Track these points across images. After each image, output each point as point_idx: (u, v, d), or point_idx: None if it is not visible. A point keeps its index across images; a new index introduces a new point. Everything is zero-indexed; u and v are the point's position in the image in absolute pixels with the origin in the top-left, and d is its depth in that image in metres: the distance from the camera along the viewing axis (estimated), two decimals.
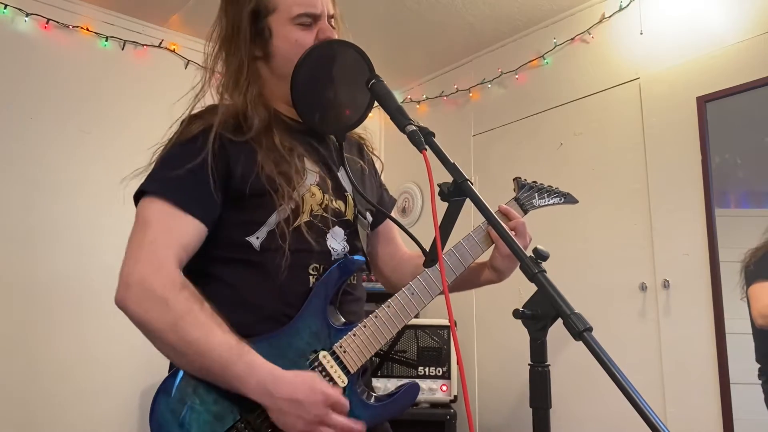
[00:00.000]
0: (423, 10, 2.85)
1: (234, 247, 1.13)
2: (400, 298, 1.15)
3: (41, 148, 2.65)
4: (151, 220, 1.08)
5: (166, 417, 1.04)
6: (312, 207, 1.16)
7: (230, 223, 1.13)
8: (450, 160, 0.91)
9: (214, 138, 1.11)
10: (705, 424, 2.16)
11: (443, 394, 2.49)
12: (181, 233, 1.08)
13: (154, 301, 1.02)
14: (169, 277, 1.04)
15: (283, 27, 1.18)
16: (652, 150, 2.48)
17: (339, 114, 1.20)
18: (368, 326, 1.13)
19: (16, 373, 2.48)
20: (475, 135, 3.26)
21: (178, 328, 1.01)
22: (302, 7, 1.17)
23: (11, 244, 2.54)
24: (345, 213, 1.22)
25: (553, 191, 1.45)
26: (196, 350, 1.01)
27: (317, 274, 1.15)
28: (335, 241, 1.19)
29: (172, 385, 1.06)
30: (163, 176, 1.10)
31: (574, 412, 2.52)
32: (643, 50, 2.56)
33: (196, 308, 1.03)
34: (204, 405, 1.05)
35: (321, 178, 1.19)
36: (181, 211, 1.08)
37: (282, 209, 1.11)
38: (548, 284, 0.79)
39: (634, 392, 0.69)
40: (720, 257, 2.20)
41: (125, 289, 1.04)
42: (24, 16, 2.66)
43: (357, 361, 1.11)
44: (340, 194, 1.22)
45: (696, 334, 2.24)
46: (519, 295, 2.58)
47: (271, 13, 1.18)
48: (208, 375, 1.03)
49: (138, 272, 1.04)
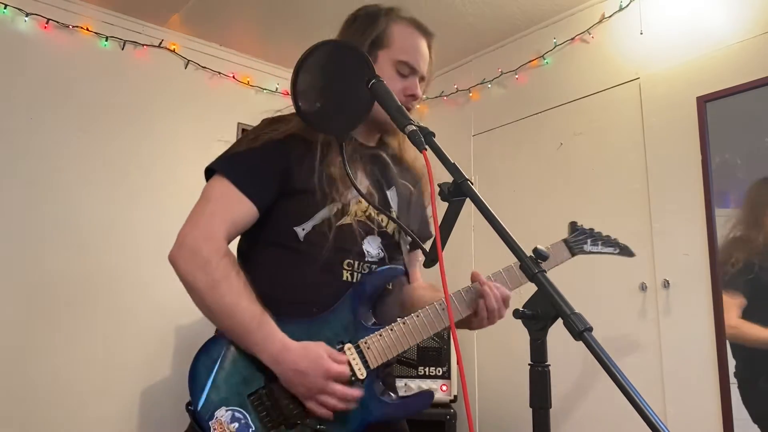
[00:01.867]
0: (423, 10, 2.85)
1: (280, 234, 1.26)
2: (430, 310, 1.25)
3: (41, 148, 2.66)
4: (212, 196, 1.24)
5: (201, 373, 1.16)
6: (357, 212, 1.28)
7: (282, 212, 1.26)
8: (450, 160, 0.91)
9: (286, 129, 1.26)
10: (705, 424, 2.16)
11: (443, 394, 2.49)
12: (235, 212, 1.22)
13: (199, 263, 1.16)
14: (215, 245, 1.18)
15: (386, 63, 1.33)
16: (652, 150, 2.48)
17: (339, 114, 1.20)
18: (395, 330, 1.23)
19: (16, 373, 2.48)
20: (475, 135, 3.26)
21: (214, 291, 1.15)
22: (409, 56, 1.34)
23: (11, 244, 2.54)
24: (386, 226, 1.33)
25: (610, 241, 1.54)
26: (227, 312, 1.15)
27: (351, 270, 1.26)
28: (371, 246, 1.30)
29: (212, 346, 1.19)
30: (232, 159, 1.26)
31: (574, 412, 2.52)
32: (643, 50, 2.56)
33: (233, 275, 1.16)
34: (236, 367, 1.17)
35: (369, 191, 1.31)
36: (239, 192, 1.22)
37: (330, 207, 1.25)
38: (548, 284, 0.79)
39: (634, 392, 0.69)
40: (720, 257, 2.20)
41: (179, 247, 1.19)
42: (24, 16, 2.66)
43: (378, 358, 1.20)
44: (385, 208, 1.34)
45: (696, 334, 2.23)
46: (519, 295, 2.58)
47: (384, 47, 1.34)
48: (233, 336, 1.17)
49: (192, 236, 1.19)
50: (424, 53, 1.38)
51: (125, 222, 2.76)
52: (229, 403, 1.15)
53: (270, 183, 1.24)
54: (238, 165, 1.25)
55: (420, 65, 1.36)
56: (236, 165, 1.25)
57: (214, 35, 3.13)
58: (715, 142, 2.27)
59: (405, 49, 1.35)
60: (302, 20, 2.88)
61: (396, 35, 1.35)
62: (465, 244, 3.05)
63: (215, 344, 1.19)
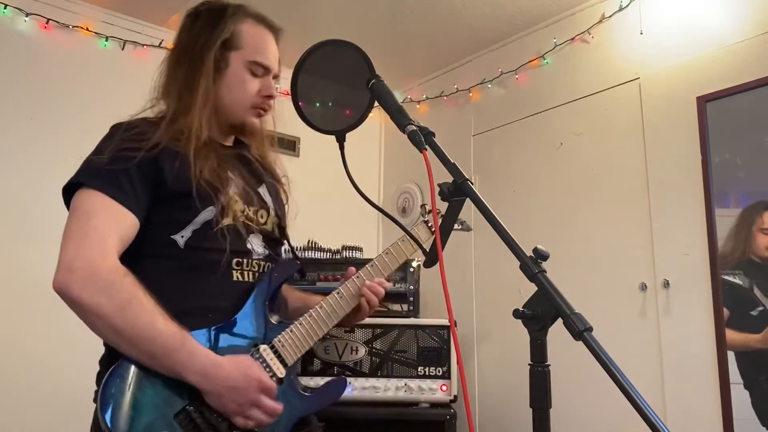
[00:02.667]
0: (423, 10, 2.85)
1: (159, 245, 1.20)
2: (331, 301, 1.29)
3: (41, 148, 2.65)
4: (90, 211, 1.15)
5: (117, 400, 1.07)
6: (236, 212, 1.25)
7: (156, 221, 1.20)
8: (450, 160, 0.91)
9: (155, 139, 1.20)
10: (705, 424, 2.16)
11: (443, 394, 2.48)
12: (119, 224, 1.15)
13: (100, 286, 1.07)
14: (113, 264, 1.10)
15: (239, 65, 1.30)
16: (652, 150, 2.48)
17: (339, 114, 1.20)
18: (303, 324, 1.24)
19: (14, 373, 2.47)
20: (475, 135, 3.26)
21: (125, 313, 1.06)
22: (262, 57, 1.31)
23: (11, 244, 2.54)
24: (265, 223, 1.32)
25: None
26: (143, 335, 1.07)
27: (240, 269, 1.24)
28: (255, 244, 1.29)
29: (123, 369, 1.10)
30: (101, 171, 1.17)
31: (574, 412, 2.52)
32: (643, 50, 2.56)
33: (140, 294, 1.09)
34: (154, 388, 1.10)
35: (243, 189, 1.29)
36: (117, 203, 1.14)
37: (208, 210, 1.20)
38: (548, 284, 0.79)
39: (634, 392, 0.69)
40: (720, 257, 2.20)
41: (68, 273, 1.08)
42: (24, 16, 2.66)
43: (294, 354, 1.21)
44: (262, 206, 1.33)
45: (696, 334, 2.23)
46: (519, 295, 2.58)
47: (235, 49, 1.30)
48: (150, 360, 1.08)
49: (83, 257, 1.09)
50: (274, 51, 1.35)
51: None
52: (155, 428, 1.07)
53: (143, 191, 1.17)
54: (107, 176, 1.15)
55: (273, 64, 1.34)
56: (105, 176, 1.16)
57: None
58: (715, 142, 2.27)
59: (257, 49, 1.32)
60: (302, 20, 2.88)
61: (246, 35, 1.31)
62: (465, 244, 3.05)
63: (126, 367, 1.10)
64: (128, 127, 1.24)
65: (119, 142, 1.20)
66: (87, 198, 1.16)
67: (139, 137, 1.20)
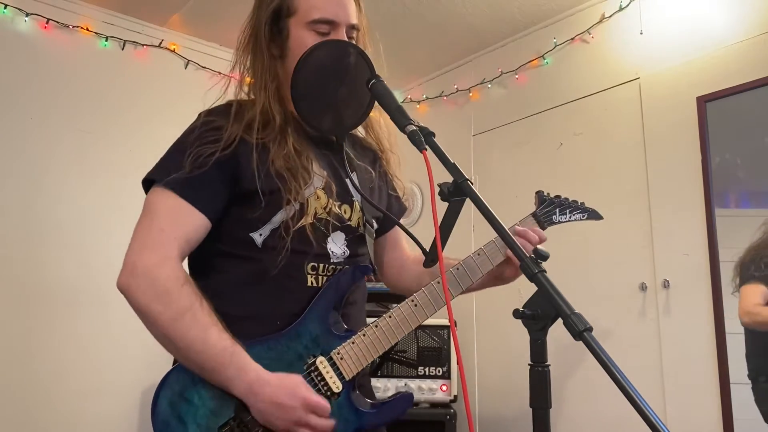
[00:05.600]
0: (423, 10, 2.85)
1: (236, 243, 1.15)
2: (402, 310, 1.17)
3: (41, 148, 2.65)
4: (159, 210, 1.11)
5: (166, 409, 1.06)
6: (317, 210, 1.18)
7: (235, 218, 1.15)
8: (450, 160, 0.91)
9: (229, 135, 1.14)
10: (705, 424, 2.16)
11: (443, 394, 2.49)
12: (186, 226, 1.11)
13: (158, 294, 1.05)
14: (173, 271, 1.07)
15: (300, 30, 1.20)
16: (652, 150, 2.48)
17: (339, 114, 1.20)
18: (368, 335, 1.15)
19: (18, 373, 2.47)
20: (475, 135, 3.26)
21: (178, 324, 1.04)
22: (320, 12, 1.19)
23: (11, 244, 2.54)
24: (349, 219, 1.23)
25: (577, 206, 1.44)
26: (193, 348, 1.04)
27: (315, 274, 1.17)
28: (335, 245, 1.21)
29: (174, 378, 1.09)
30: (174, 168, 1.12)
31: (574, 412, 2.52)
32: (643, 50, 2.56)
33: (196, 305, 1.06)
34: (202, 400, 1.07)
35: (327, 182, 1.21)
36: (188, 204, 1.11)
37: (288, 208, 1.14)
38: (548, 284, 0.79)
39: (634, 392, 0.69)
40: (720, 257, 2.20)
41: (130, 275, 1.07)
42: (24, 16, 2.66)
43: (353, 368, 1.13)
44: (346, 199, 1.24)
45: (696, 334, 2.23)
46: (519, 295, 2.58)
47: (291, 15, 1.21)
48: (201, 372, 1.07)
49: (144, 261, 1.07)
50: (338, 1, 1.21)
51: (125, 221, 2.75)
52: None
53: (218, 187, 1.13)
54: (181, 174, 1.11)
55: (339, 14, 1.20)
56: (177, 172, 1.12)
57: (214, 35, 3.13)
58: (715, 142, 2.27)
59: (313, 5, 1.19)
60: None
61: None
62: (465, 244, 3.05)
63: (176, 376, 1.09)
64: (207, 120, 1.18)
65: (198, 137, 1.14)
66: (158, 197, 1.12)
67: (217, 132, 1.14)
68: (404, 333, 1.17)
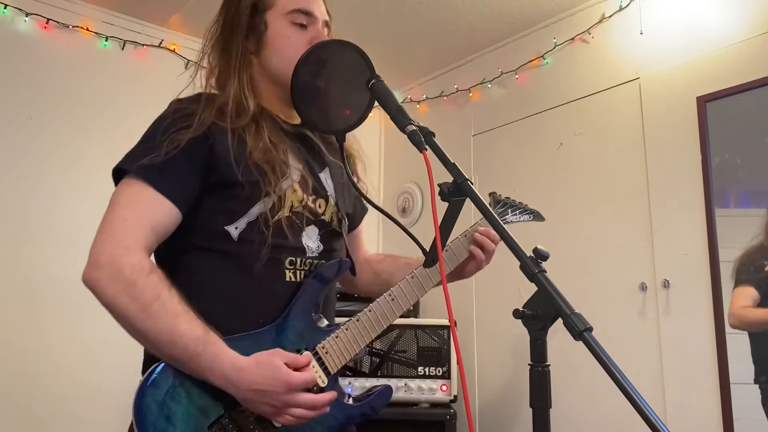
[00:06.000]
0: (423, 10, 2.85)
1: (211, 236, 1.13)
2: (381, 303, 1.19)
3: (41, 148, 2.65)
4: (121, 200, 1.08)
5: (152, 409, 1.03)
6: (293, 203, 1.17)
7: (209, 210, 1.13)
8: (450, 160, 0.90)
9: (201, 119, 1.11)
10: (705, 424, 2.16)
11: (443, 394, 2.49)
12: (151, 214, 1.07)
13: (124, 286, 1.00)
14: (137, 260, 1.03)
15: (278, 21, 1.21)
16: (652, 150, 2.48)
17: (339, 114, 1.20)
18: (350, 329, 1.16)
19: (15, 373, 2.47)
20: (475, 135, 3.26)
21: (146, 315, 1.00)
22: (299, 2, 1.21)
23: (10, 243, 2.54)
24: (323, 213, 1.23)
25: (525, 208, 1.49)
26: (165, 339, 1.01)
27: (293, 269, 1.16)
28: (310, 239, 1.20)
29: (159, 377, 1.05)
30: (142, 156, 1.09)
31: (574, 412, 2.52)
32: (643, 50, 2.56)
33: (164, 294, 1.02)
34: (190, 398, 1.04)
35: (302, 176, 1.20)
36: (153, 190, 1.07)
37: (266, 200, 1.12)
38: (548, 284, 0.79)
39: (634, 392, 0.69)
40: (720, 257, 2.20)
41: (94, 268, 1.03)
42: (24, 16, 2.66)
43: (337, 362, 1.14)
44: (321, 194, 1.24)
45: (696, 334, 2.24)
46: (519, 295, 2.58)
47: (269, 8, 1.22)
48: (177, 364, 1.03)
49: (107, 252, 1.03)
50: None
51: None
52: None
53: (188, 175, 1.09)
54: (146, 159, 1.07)
55: (315, 9, 1.22)
56: (144, 160, 1.08)
57: None
58: (715, 142, 2.27)
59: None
60: None
61: None
62: None
63: (162, 374, 1.05)
64: (179, 107, 1.15)
65: (171, 123, 1.11)
66: (125, 186, 1.09)
67: (189, 118, 1.11)
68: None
